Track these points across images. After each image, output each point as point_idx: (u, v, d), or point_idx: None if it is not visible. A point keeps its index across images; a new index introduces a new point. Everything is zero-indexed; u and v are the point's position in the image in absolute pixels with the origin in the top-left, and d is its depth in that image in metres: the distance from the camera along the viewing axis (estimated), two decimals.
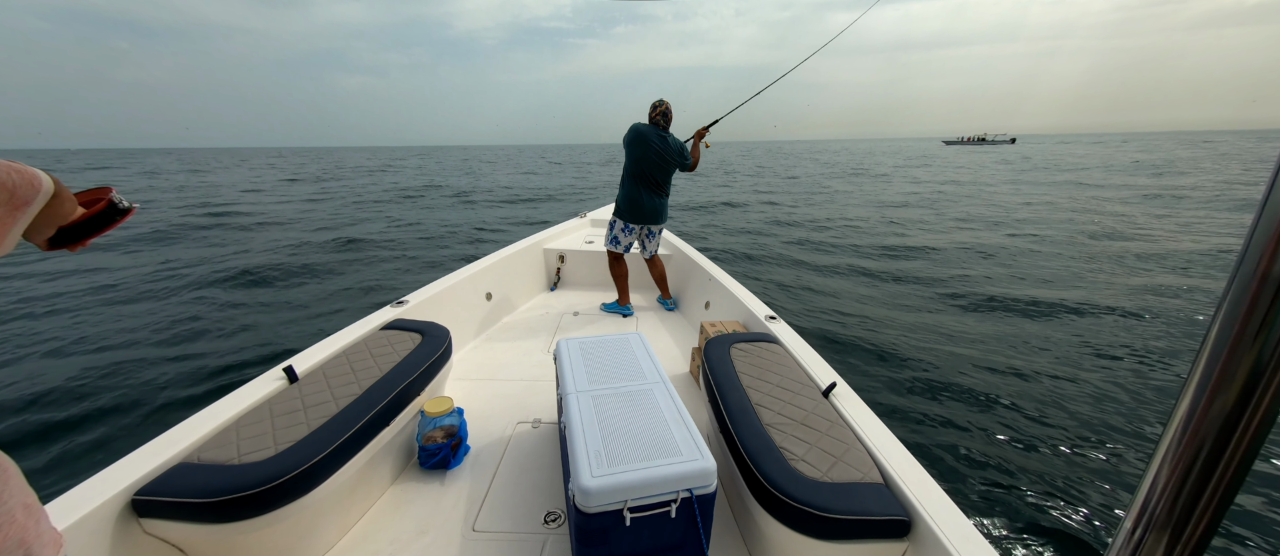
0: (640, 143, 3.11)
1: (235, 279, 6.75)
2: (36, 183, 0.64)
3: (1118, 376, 4.22)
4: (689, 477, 1.26)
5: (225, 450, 1.34)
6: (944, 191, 17.45)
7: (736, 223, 11.57)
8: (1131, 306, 5.70)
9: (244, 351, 4.38)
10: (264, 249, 8.80)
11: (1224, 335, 0.34)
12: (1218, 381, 0.34)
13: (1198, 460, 0.36)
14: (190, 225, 11.28)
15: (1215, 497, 0.36)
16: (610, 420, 1.44)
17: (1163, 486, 0.38)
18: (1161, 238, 9.16)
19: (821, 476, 1.32)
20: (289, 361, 1.77)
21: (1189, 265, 7.33)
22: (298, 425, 1.45)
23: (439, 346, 2.00)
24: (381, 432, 1.61)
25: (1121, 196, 14.90)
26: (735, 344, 2.06)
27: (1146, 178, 20.86)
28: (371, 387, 1.67)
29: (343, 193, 19.13)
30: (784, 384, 1.77)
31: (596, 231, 4.54)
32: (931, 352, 4.43)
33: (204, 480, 1.24)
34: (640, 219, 3.25)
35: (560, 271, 4.00)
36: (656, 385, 1.63)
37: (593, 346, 1.90)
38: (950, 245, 8.86)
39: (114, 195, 0.76)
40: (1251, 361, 0.33)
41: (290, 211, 13.85)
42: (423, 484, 1.80)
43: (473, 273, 3.08)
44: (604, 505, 1.21)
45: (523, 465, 1.91)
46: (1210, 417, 0.35)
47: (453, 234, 10.58)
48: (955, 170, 27.44)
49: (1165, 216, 11.29)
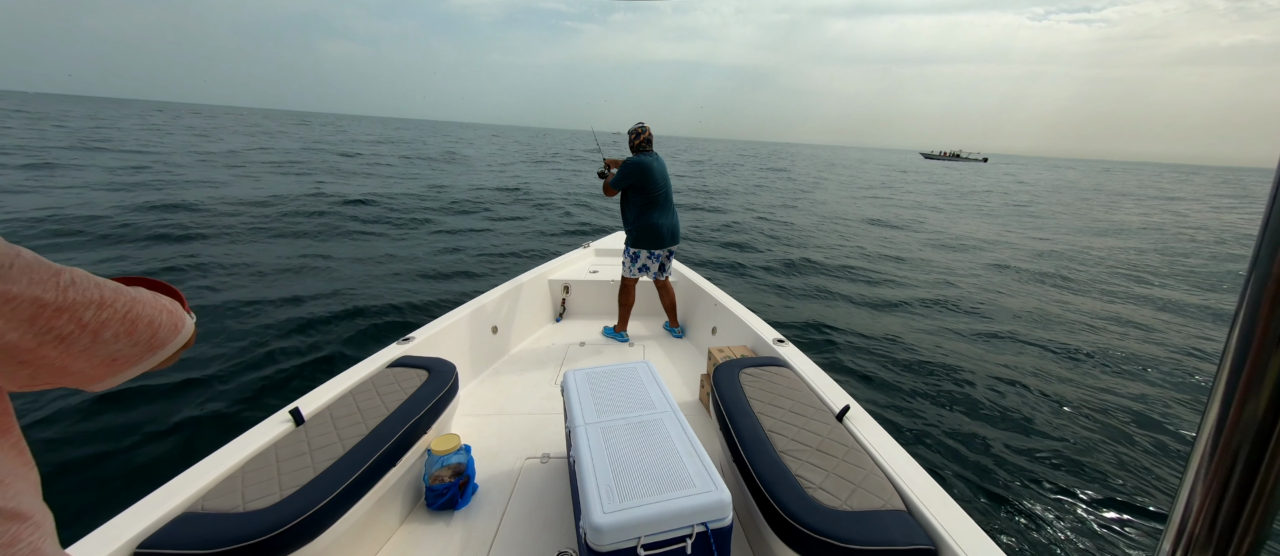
0: (644, 172, 3.13)
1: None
2: (179, 325, 0.61)
3: (1146, 390, 4.11)
4: (704, 511, 1.22)
5: (230, 498, 1.32)
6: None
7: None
8: (1149, 323, 5.61)
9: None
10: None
11: (1246, 339, 0.33)
12: (1245, 387, 0.33)
13: (1234, 472, 0.34)
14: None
15: (1259, 509, 0.34)
16: (620, 452, 1.41)
17: (1200, 503, 0.36)
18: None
19: (841, 505, 1.28)
20: (295, 403, 1.76)
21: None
22: (304, 469, 1.43)
23: (445, 382, 1.98)
24: (388, 473, 1.58)
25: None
26: (744, 369, 2.04)
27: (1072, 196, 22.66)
28: (378, 427, 1.65)
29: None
30: (796, 408, 1.73)
31: (601, 261, 4.56)
32: (943, 368, 4.35)
33: (208, 530, 1.21)
34: (662, 243, 3.25)
35: (565, 302, 4.01)
36: (666, 414, 1.60)
37: (600, 377, 1.88)
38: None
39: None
40: (1278, 365, 0.32)
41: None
42: (431, 525, 1.76)
43: (478, 306, 3.09)
44: (617, 543, 1.17)
45: (532, 502, 1.86)
46: (1242, 426, 0.33)
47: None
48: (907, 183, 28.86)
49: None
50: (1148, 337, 5.34)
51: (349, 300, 5.17)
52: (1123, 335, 5.36)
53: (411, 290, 5.73)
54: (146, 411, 3.14)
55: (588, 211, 12.21)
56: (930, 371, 4.27)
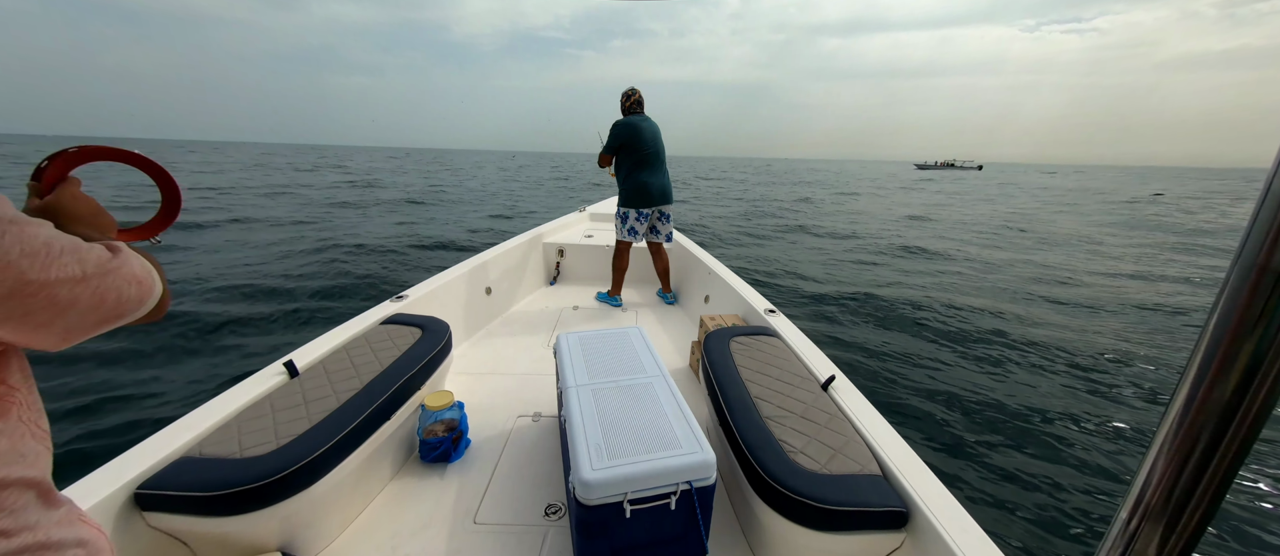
0: (632, 130, 3.11)
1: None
2: (144, 297, 0.59)
3: (1115, 372, 4.23)
4: (689, 470, 1.27)
5: (227, 444, 1.34)
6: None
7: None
8: (1130, 304, 5.71)
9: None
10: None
11: (1223, 324, 0.34)
12: (1217, 371, 0.34)
13: (1195, 450, 0.36)
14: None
15: (1211, 487, 0.36)
16: (610, 414, 1.45)
17: (1159, 477, 0.38)
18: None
19: (820, 468, 1.33)
20: (289, 356, 1.77)
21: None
22: (299, 419, 1.46)
23: (439, 340, 2.00)
24: (382, 426, 1.62)
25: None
26: (735, 337, 2.07)
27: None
28: (372, 382, 1.67)
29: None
30: (783, 377, 1.77)
31: (596, 225, 4.53)
32: (916, 353, 4.44)
33: (206, 474, 1.24)
34: (651, 202, 3.24)
35: (560, 266, 4.00)
36: (656, 379, 1.63)
37: (593, 340, 1.90)
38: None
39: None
40: (1251, 350, 0.33)
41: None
42: (424, 477, 1.81)
43: (473, 267, 3.08)
44: (604, 497, 1.21)
45: (523, 458, 1.92)
46: (1208, 407, 0.35)
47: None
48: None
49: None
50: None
51: None
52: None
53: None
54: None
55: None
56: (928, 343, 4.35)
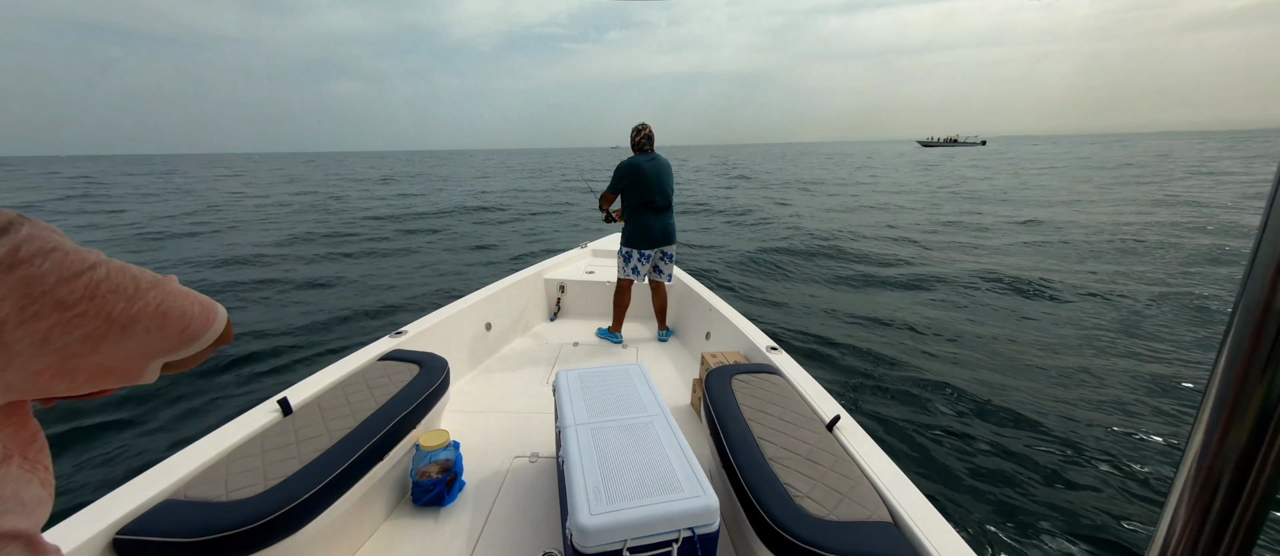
0: (634, 174, 3.14)
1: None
2: (211, 318, 0.59)
3: (1132, 408, 4.14)
4: (691, 516, 1.22)
5: (213, 486, 1.30)
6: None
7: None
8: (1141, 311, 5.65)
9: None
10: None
11: (1231, 368, 0.33)
12: (1229, 415, 0.33)
13: (1216, 498, 0.34)
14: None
15: (1238, 536, 0.34)
16: (610, 454, 1.41)
17: (1182, 527, 0.36)
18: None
19: (827, 514, 1.28)
20: (284, 393, 1.74)
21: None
22: (289, 459, 1.42)
23: (436, 378, 1.97)
24: (375, 467, 1.57)
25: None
26: (737, 375, 2.04)
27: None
28: (366, 420, 1.63)
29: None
30: (787, 416, 1.73)
31: (597, 261, 4.55)
32: (929, 371, 4.36)
33: (189, 518, 1.20)
34: (652, 244, 3.25)
35: (560, 301, 4.00)
36: (657, 418, 1.60)
37: (593, 378, 1.87)
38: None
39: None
40: (1262, 395, 0.32)
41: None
42: (416, 521, 1.75)
43: (472, 303, 3.07)
44: (603, 545, 1.16)
45: (520, 502, 1.85)
46: (1224, 453, 0.34)
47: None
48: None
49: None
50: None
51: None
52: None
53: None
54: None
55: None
56: (923, 381, 4.28)
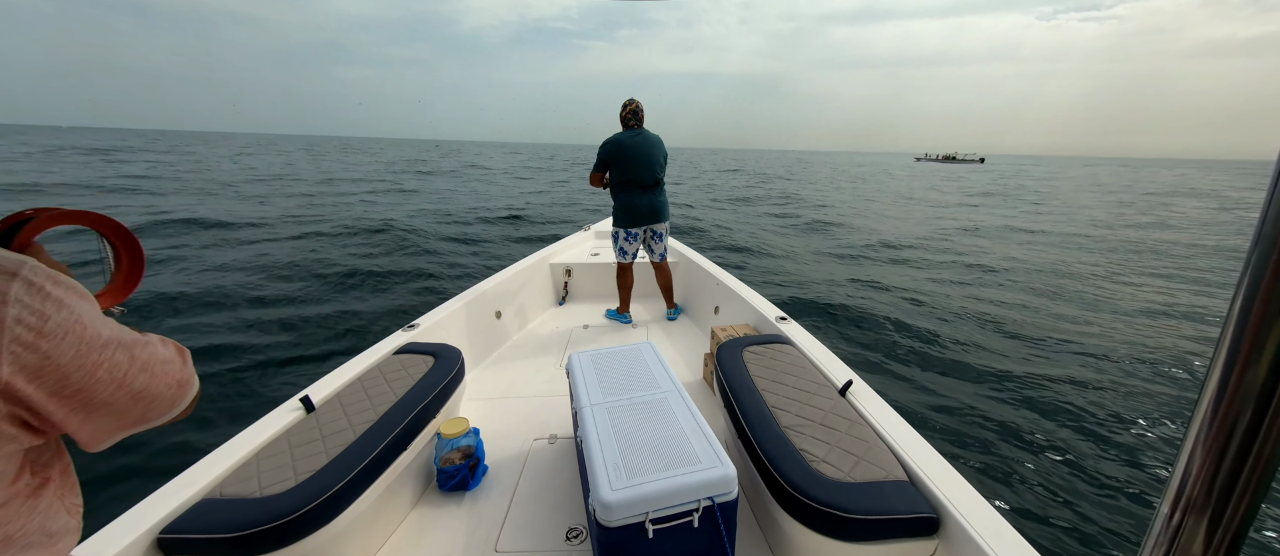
0: (617, 150, 3.07)
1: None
2: (178, 400, 0.58)
3: (1144, 362, 4.13)
4: (710, 485, 1.25)
5: (247, 484, 1.35)
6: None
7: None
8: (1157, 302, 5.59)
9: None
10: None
11: (1248, 306, 0.33)
12: (1247, 354, 0.33)
13: (1233, 438, 0.35)
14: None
15: (1255, 475, 0.35)
16: (626, 432, 1.43)
17: (1198, 468, 0.36)
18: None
19: (844, 477, 1.30)
20: (305, 391, 1.78)
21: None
22: (316, 455, 1.46)
23: (452, 368, 2.00)
24: (399, 457, 1.61)
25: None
26: (747, 347, 2.05)
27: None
28: (387, 413, 1.67)
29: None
30: (799, 384, 1.75)
31: (601, 244, 4.55)
32: (948, 341, 4.36)
33: (227, 515, 1.24)
34: (639, 222, 3.21)
35: (567, 285, 4.01)
36: (671, 393, 1.62)
37: (605, 358, 1.89)
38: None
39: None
40: (1279, 332, 0.32)
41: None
42: (443, 506, 1.80)
43: (481, 292, 3.10)
44: (625, 518, 1.20)
45: (541, 482, 1.90)
46: (1242, 392, 0.34)
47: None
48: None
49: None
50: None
51: None
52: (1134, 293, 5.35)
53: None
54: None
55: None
56: (938, 343, 4.29)
